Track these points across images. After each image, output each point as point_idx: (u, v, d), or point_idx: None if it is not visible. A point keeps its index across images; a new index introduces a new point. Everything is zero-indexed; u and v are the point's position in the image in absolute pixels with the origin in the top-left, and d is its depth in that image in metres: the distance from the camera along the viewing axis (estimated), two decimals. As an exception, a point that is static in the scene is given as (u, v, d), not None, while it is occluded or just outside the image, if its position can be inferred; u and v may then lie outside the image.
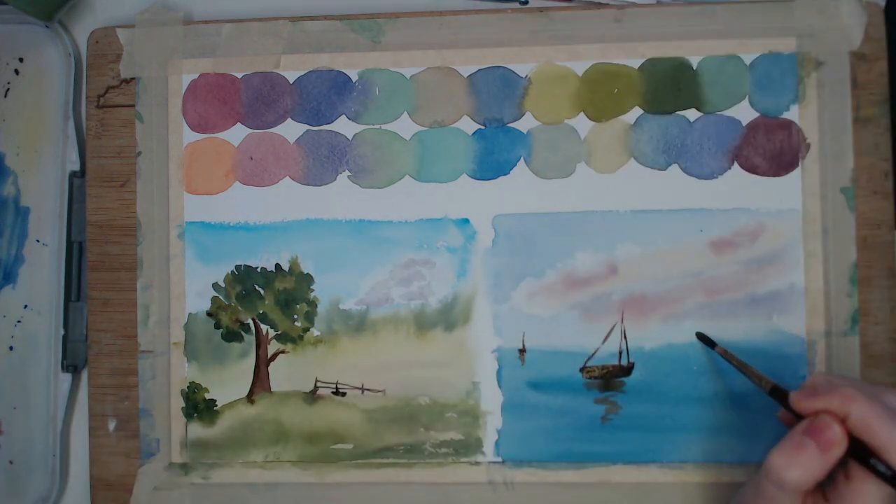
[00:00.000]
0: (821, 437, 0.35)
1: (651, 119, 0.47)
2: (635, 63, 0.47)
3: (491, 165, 0.48)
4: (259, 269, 0.49)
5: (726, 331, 0.46)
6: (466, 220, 0.48)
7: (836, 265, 0.46)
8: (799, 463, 0.34)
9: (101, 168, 0.50)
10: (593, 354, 0.47)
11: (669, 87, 0.47)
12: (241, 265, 0.49)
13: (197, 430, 0.49)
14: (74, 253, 0.51)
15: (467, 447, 0.47)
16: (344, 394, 0.48)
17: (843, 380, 0.36)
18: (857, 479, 0.34)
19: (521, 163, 0.48)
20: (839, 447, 0.34)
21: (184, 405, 0.49)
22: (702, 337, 0.46)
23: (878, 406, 0.34)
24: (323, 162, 0.49)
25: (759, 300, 0.46)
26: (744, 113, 0.47)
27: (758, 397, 0.46)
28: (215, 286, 0.49)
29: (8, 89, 0.52)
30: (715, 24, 0.47)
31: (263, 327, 0.49)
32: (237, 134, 0.49)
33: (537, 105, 0.48)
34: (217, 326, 0.49)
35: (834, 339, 0.46)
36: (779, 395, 0.39)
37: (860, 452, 0.34)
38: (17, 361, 0.51)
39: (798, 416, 0.37)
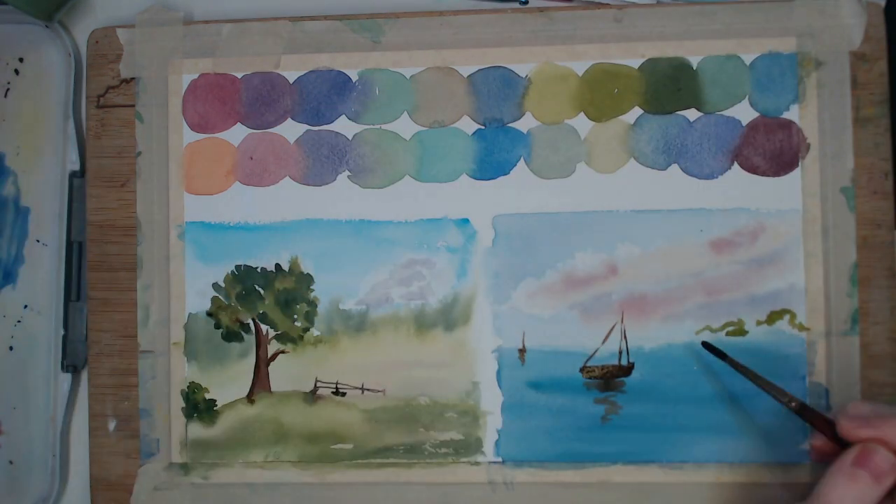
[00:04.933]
0: (874, 467, 0.35)
1: (651, 119, 0.47)
2: (635, 63, 0.47)
3: (491, 165, 0.48)
4: (259, 269, 0.49)
5: (726, 330, 0.46)
6: (466, 220, 0.48)
7: (836, 265, 0.46)
8: (853, 496, 0.34)
9: (101, 168, 0.50)
10: (593, 354, 0.47)
11: (669, 87, 0.47)
12: (241, 265, 0.49)
13: (197, 430, 0.49)
14: (74, 253, 0.51)
15: (467, 447, 0.47)
16: (344, 394, 0.48)
17: (890, 408, 0.36)
18: None
19: (521, 163, 0.48)
20: (892, 476, 0.34)
21: (184, 405, 0.49)
22: (708, 346, 0.45)
23: None
24: (323, 162, 0.49)
25: (759, 300, 0.46)
26: (744, 113, 0.47)
27: (758, 397, 0.46)
28: (215, 286, 0.49)
29: (8, 89, 0.52)
30: (715, 24, 0.47)
31: (263, 327, 0.49)
32: (237, 134, 0.49)
33: (537, 105, 0.48)
34: (217, 326, 0.49)
35: (834, 339, 0.46)
36: (809, 414, 0.39)
37: None
38: (17, 361, 0.51)
39: (836, 442, 0.37)
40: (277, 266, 0.49)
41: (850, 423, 0.36)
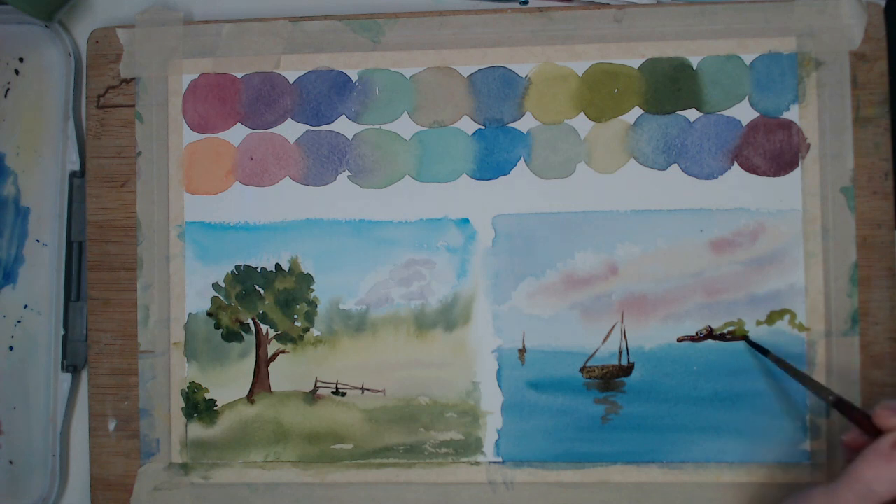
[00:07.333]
0: None
1: (651, 119, 0.47)
2: (635, 63, 0.47)
3: (491, 165, 0.48)
4: (259, 269, 0.49)
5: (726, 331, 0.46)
6: (466, 220, 0.48)
7: (836, 265, 0.46)
8: (890, 477, 0.35)
9: (101, 168, 0.50)
10: (593, 354, 0.47)
11: (669, 87, 0.47)
12: (241, 265, 0.49)
13: (197, 430, 0.49)
14: (74, 253, 0.51)
15: (467, 447, 0.47)
16: (344, 394, 0.48)
17: None
18: None
19: (521, 163, 0.48)
20: None
21: (184, 405, 0.49)
22: (750, 343, 0.46)
23: None
24: (323, 162, 0.49)
25: (759, 300, 0.46)
26: (744, 113, 0.47)
27: (757, 397, 0.46)
28: (215, 286, 0.49)
29: (8, 89, 0.52)
30: (715, 24, 0.47)
31: (263, 327, 0.49)
32: (237, 134, 0.49)
33: (537, 105, 0.48)
34: (217, 326, 0.49)
35: (834, 339, 0.46)
36: (845, 407, 0.39)
37: None
38: (17, 361, 0.51)
39: (870, 433, 0.37)
40: (277, 266, 0.49)
41: (889, 412, 0.37)
